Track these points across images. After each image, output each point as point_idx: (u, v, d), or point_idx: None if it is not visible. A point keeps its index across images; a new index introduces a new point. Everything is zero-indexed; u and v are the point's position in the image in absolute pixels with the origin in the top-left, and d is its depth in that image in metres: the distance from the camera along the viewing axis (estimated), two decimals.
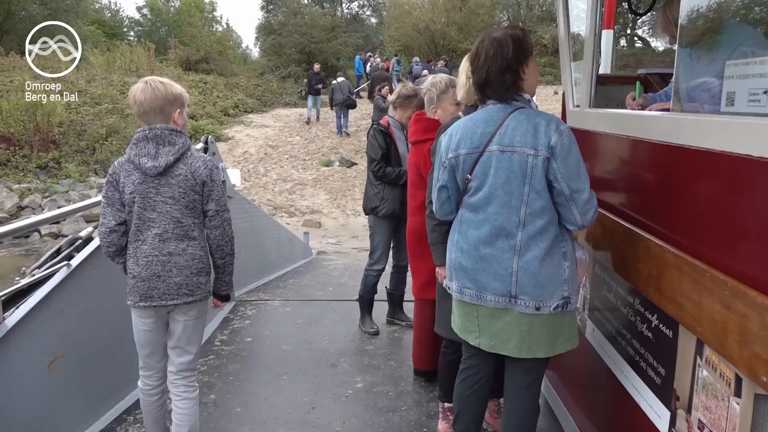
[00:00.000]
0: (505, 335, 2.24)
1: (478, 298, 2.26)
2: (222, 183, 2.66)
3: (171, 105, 2.54)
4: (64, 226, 13.32)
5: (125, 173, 2.50)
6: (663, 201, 2.07)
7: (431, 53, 30.93)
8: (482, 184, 2.20)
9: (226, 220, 2.60)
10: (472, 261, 2.25)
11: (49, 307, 2.91)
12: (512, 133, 2.13)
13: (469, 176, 2.24)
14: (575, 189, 2.10)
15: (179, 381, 2.68)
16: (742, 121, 1.63)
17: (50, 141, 16.97)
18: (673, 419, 1.88)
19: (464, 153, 2.25)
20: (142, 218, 2.49)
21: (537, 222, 2.13)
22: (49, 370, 2.90)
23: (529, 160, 2.10)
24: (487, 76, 2.20)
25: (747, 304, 1.47)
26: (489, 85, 2.22)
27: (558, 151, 2.08)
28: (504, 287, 2.18)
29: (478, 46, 2.25)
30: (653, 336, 2.04)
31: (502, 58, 2.17)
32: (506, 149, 2.14)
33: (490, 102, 2.26)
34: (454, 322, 2.48)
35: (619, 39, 24.94)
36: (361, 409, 3.47)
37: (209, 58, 29.29)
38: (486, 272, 2.21)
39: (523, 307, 2.17)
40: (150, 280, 2.50)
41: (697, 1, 2.17)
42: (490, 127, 2.19)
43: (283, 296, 5.84)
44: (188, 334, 2.64)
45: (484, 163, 2.19)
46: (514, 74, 2.19)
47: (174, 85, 2.61)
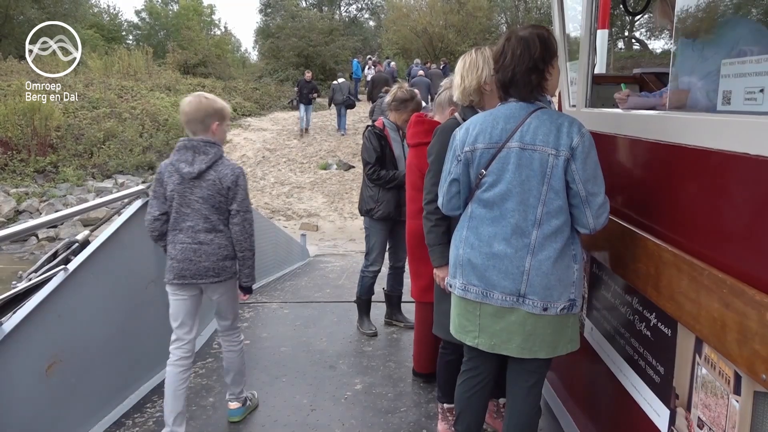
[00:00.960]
0: (507, 335, 2.23)
1: (484, 296, 2.23)
2: (246, 186, 3.02)
3: (211, 117, 2.94)
4: (61, 230, 13.31)
5: (168, 174, 2.96)
6: (660, 200, 2.07)
7: (429, 56, 31.01)
8: (498, 180, 2.18)
9: (247, 220, 3.00)
10: (483, 257, 2.22)
11: (46, 312, 2.90)
12: (534, 131, 2.12)
13: (483, 171, 2.21)
14: (591, 192, 2.10)
15: (224, 338, 3.33)
16: (739, 119, 1.63)
17: (48, 145, 16.95)
18: (673, 418, 1.87)
19: (482, 147, 2.22)
20: (179, 212, 2.96)
21: (553, 222, 2.12)
22: (47, 375, 2.89)
23: (549, 160, 2.08)
24: (513, 75, 2.17)
25: (746, 302, 1.47)
26: (514, 84, 2.19)
27: (579, 152, 2.07)
28: (514, 286, 2.16)
29: (504, 44, 2.21)
30: (652, 335, 2.03)
31: (530, 58, 2.15)
32: (527, 147, 2.12)
33: (512, 99, 2.24)
34: (451, 322, 2.46)
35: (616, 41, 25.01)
36: (361, 410, 3.46)
37: (207, 62, 29.29)
38: (497, 270, 2.18)
39: (530, 306, 2.15)
40: (183, 262, 2.99)
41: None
42: (512, 124, 2.17)
43: (280, 298, 5.83)
44: (223, 306, 3.21)
45: (502, 159, 2.16)
46: (540, 74, 2.18)
47: (217, 100, 3.01)
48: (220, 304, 3.20)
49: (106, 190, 15.50)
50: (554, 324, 2.19)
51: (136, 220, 3.85)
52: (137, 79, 23.98)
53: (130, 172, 17.09)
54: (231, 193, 2.95)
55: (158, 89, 23.16)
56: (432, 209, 2.69)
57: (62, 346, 3.03)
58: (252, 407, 3.46)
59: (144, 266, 3.97)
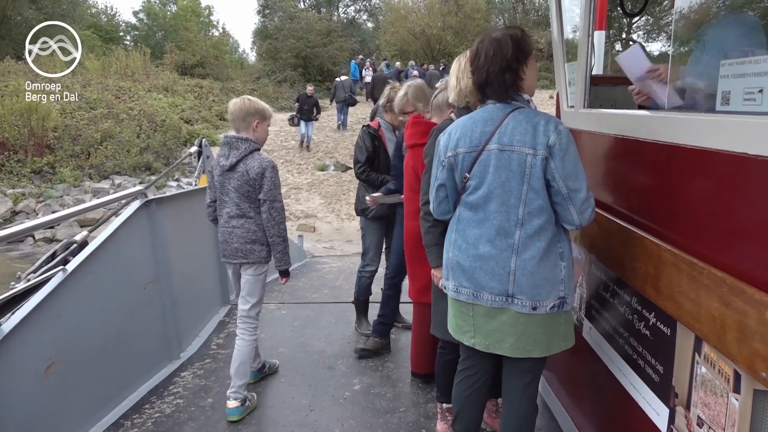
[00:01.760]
0: (500, 335, 2.24)
1: (475, 297, 2.26)
2: (275, 179, 3.32)
3: (252, 116, 3.33)
4: (58, 230, 13.29)
5: (214, 167, 3.41)
6: (659, 200, 2.08)
7: (427, 57, 31.04)
8: (481, 183, 2.21)
9: (274, 209, 3.30)
10: (470, 259, 2.25)
11: (45, 313, 2.89)
12: (512, 132, 2.14)
13: (467, 175, 2.25)
14: (573, 188, 2.11)
15: (241, 324, 3.49)
16: (738, 119, 1.64)
17: (45, 146, 16.93)
18: (672, 416, 1.88)
19: (463, 152, 2.25)
20: (221, 200, 3.40)
21: (535, 221, 2.14)
22: (46, 376, 2.89)
23: (528, 160, 2.11)
24: (487, 75, 2.21)
25: (745, 300, 1.47)
26: (489, 84, 2.23)
27: (556, 150, 2.09)
28: (501, 286, 2.18)
29: (478, 46, 2.26)
30: (651, 334, 2.04)
31: (502, 58, 2.18)
32: (505, 148, 2.14)
33: (490, 102, 2.27)
34: (449, 322, 2.48)
35: (614, 42, 25.08)
36: (359, 411, 3.46)
37: (205, 63, 29.30)
38: (483, 271, 2.21)
39: (519, 306, 2.17)
40: (223, 243, 3.42)
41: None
42: (490, 126, 2.20)
43: (278, 299, 5.83)
44: (248, 287, 3.46)
45: (483, 161, 2.20)
46: (514, 74, 2.21)
47: (260, 102, 3.38)
48: (245, 285, 3.46)
49: (103, 190, 15.49)
50: (546, 323, 2.20)
51: (134, 221, 3.85)
52: (135, 80, 23.98)
53: (128, 172, 17.07)
54: (257, 183, 3.27)
55: (156, 90, 23.16)
56: (428, 210, 2.70)
57: (61, 346, 3.02)
58: (251, 408, 3.46)
59: (142, 267, 3.97)
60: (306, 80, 29.93)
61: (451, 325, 2.46)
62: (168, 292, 4.15)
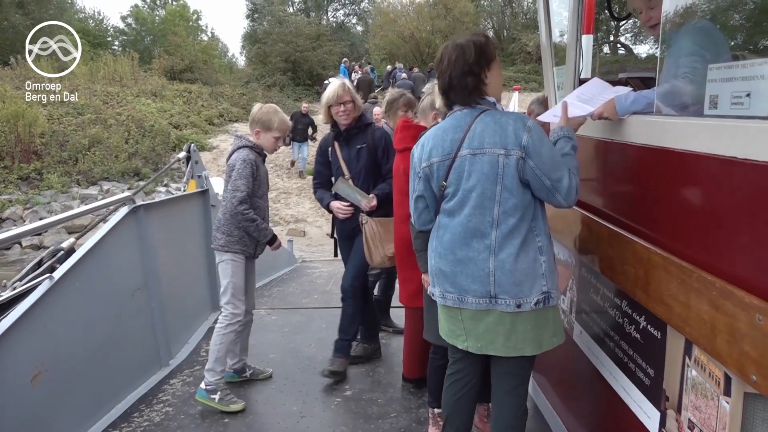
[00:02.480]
0: (490, 336, 2.26)
1: (460, 301, 2.28)
2: (242, 170, 3.46)
3: (254, 124, 3.62)
4: (45, 237, 13.16)
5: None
6: (649, 203, 2.08)
7: (416, 61, 31.09)
8: (457, 189, 2.25)
9: (235, 198, 3.45)
10: (450, 265, 2.28)
11: (31, 321, 2.86)
12: (481, 135, 2.18)
13: (444, 183, 2.29)
14: (556, 179, 2.14)
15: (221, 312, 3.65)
16: (726, 123, 1.64)
17: (32, 152, 16.76)
18: (663, 420, 1.88)
19: (437, 161, 2.30)
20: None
21: (510, 220, 2.17)
22: (33, 385, 2.85)
23: (499, 160, 2.14)
24: (450, 80, 2.27)
25: (735, 303, 1.47)
26: (452, 88, 2.28)
27: (531, 149, 2.12)
28: (483, 288, 2.20)
29: (442, 51, 2.32)
30: (641, 337, 2.04)
31: (464, 63, 2.24)
32: (477, 152, 2.18)
33: (456, 108, 2.32)
34: (441, 328, 2.48)
35: (602, 46, 25.22)
36: (351, 417, 3.44)
37: (194, 68, 29.14)
38: (464, 275, 2.24)
39: (504, 306, 2.19)
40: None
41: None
42: (459, 133, 2.24)
43: (268, 305, 5.80)
44: (219, 275, 3.66)
45: (457, 168, 2.24)
46: (476, 78, 2.26)
47: (268, 113, 3.61)
48: (218, 271, 3.66)
49: (91, 197, 15.36)
50: (533, 319, 2.21)
51: (121, 227, 3.82)
52: (123, 85, 23.81)
53: (116, 178, 16.95)
54: (230, 174, 3.51)
55: (144, 95, 23.02)
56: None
57: (48, 355, 2.99)
58: (220, 407, 3.48)
59: (130, 274, 3.94)
60: (295, 84, 29.88)
61: (443, 331, 2.47)
62: (156, 299, 4.12)
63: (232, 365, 3.84)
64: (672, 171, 1.92)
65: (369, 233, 3.78)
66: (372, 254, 3.79)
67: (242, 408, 3.51)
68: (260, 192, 3.63)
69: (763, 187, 1.46)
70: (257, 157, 3.58)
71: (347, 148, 3.90)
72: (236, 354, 3.85)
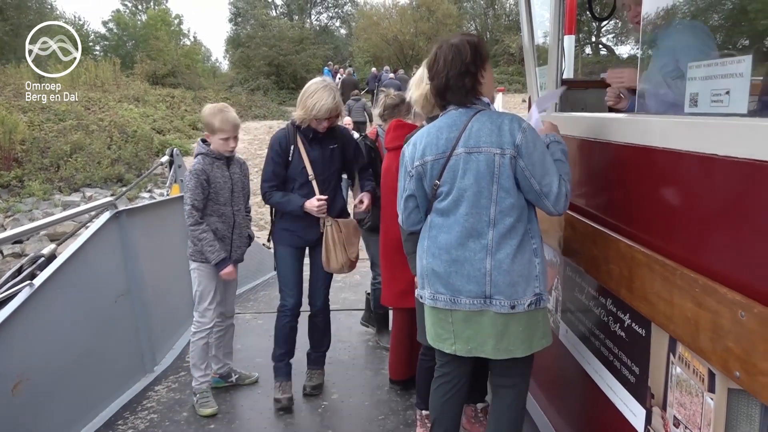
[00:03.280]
0: (481, 338, 2.24)
1: (453, 302, 2.24)
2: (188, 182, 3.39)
3: (205, 126, 3.47)
4: (27, 245, 12.98)
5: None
6: (632, 202, 2.09)
7: (400, 63, 31.16)
8: (452, 188, 2.21)
9: (185, 210, 3.40)
10: (444, 265, 2.24)
11: (11, 329, 2.81)
12: (477, 134, 2.16)
13: (437, 182, 2.25)
14: (545, 184, 2.13)
15: None
16: (707, 121, 1.65)
17: (12, 159, 16.53)
18: (649, 417, 1.88)
19: (431, 159, 2.25)
20: None
21: (507, 220, 2.15)
22: (13, 394, 2.80)
23: (496, 159, 2.13)
24: (447, 80, 2.23)
25: (718, 300, 1.48)
26: (449, 89, 2.24)
27: (524, 149, 2.12)
28: (478, 288, 2.18)
29: (437, 52, 2.28)
30: (626, 335, 2.05)
31: (461, 63, 2.21)
32: (473, 150, 2.16)
33: (452, 107, 2.28)
34: (427, 332, 2.45)
35: (584, 46, 25.46)
36: (338, 420, 3.42)
37: (176, 72, 29.00)
38: (459, 275, 2.21)
39: (498, 306, 2.17)
40: None
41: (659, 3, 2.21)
42: (455, 132, 2.21)
43: (254, 309, 5.76)
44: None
45: (452, 167, 2.20)
46: (473, 78, 2.24)
47: (210, 114, 3.39)
48: None
49: (74, 203, 15.18)
50: (525, 321, 2.21)
51: (103, 233, 3.77)
52: (105, 91, 23.61)
53: (99, 185, 16.77)
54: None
55: (127, 100, 22.84)
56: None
57: (29, 363, 2.94)
58: (197, 408, 3.51)
59: (113, 280, 3.89)
60: (279, 88, 29.79)
61: (429, 335, 2.43)
62: (140, 305, 4.08)
63: (216, 370, 3.81)
64: (654, 169, 1.93)
65: (331, 236, 3.47)
66: (331, 259, 3.47)
67: (212, 413, 3.48)
68: (221, 199, 3.47)
69: (744, 183, 1.47)
70: (213, 163, 3.43)
71: (318, 148, 3.47)
72: (220, 359, 3.82)
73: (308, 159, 3.44)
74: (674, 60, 2.22)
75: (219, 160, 3.47)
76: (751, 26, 2.63)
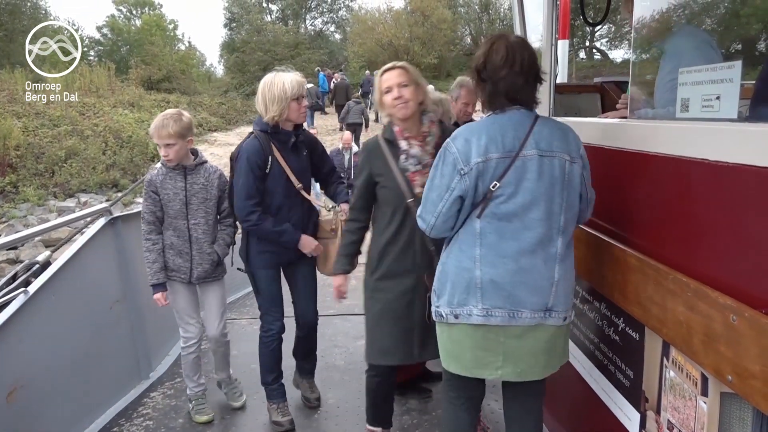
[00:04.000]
0: (533, 357, 2.11)
1: (512, 317, 2.05)
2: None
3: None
4: (22, 251, 12.94)
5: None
6: (625, 206, 2.11)
7: None
8: (517, 191, 2.02)
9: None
10: (509, 274, 2.03)
11: (6, 336, 2.81)
12: (549, 138, 2.05)
13: (497, 183, 2.02)
14: (592, 195, 2.16)
15: None
16: (698, 126, 1.67)
17: (7, 164, 16.52)
18: (643, 421, 1.89)
19: (496, 157, 2.02)
20: None
21: (570, 228, 2.10)
22: (8, 402, 2.79)
23: (566, 166, 2.04)
24: (525, 81, 2.07)
25: (710, 304, 1.49)
26: (525, 91, 2.09)
27: (585, 159, 2.10)
28: (542, 300, 2.04)
29: (507, 49, 2.06)
30: (620, 339, 2.06)
31: (536, 64, 2.11)
32: (545, 153, 2.03)
33: (514, 108, 2.09)
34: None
35: (577, 51, 25.57)
36: (334, 425, 3.42)
37: (171, 77, 29.02)
38: (525, 285, 2.04)
39: (555, 319, 2.07)
40: None
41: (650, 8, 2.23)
42: (521, 131, 2.05)
43: (250, 314, 5.74)
44: None
45: (518, 168, 2.01)
46: (539, 82, 2.14)
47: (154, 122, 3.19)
48: None
49: (69, 209, 15.16)
50: (564, 333, 2.18)
51: (98, 239, 3.77)
52: (99, 96, 23.59)
53: (94, 190, 16.76)
54: None
55: (121, 105, 22.83)
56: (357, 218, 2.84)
57: (24, 371, 2.93)
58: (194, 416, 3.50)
59: (108, 286, 3.89)
60: None
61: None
62: (135, 311, 4.07)
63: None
64: (646, 174, 1.94)
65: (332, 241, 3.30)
66: (329, 260, 3.27)
67: (208, 419, 3.47)
68: (171, 212, 3.24)
69: (735, 187, 1.49)
70: (166, 174, 3.22)
71: (295, 155, 3.23)
72: (202, 374, 3.65)
73: (289, 168, 3.18)
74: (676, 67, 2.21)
75: (174, 170, 3.23)
76: (743, 30, 2.66)
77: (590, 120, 2.81)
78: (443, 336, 2.24)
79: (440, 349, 2.27)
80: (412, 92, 2.64)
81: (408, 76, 2.67)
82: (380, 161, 2.70)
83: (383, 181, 2.70)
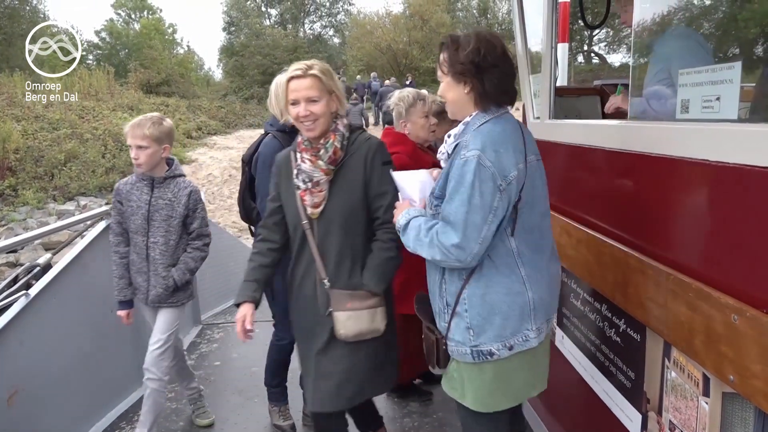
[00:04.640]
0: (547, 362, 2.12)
1: (547, 327, 2.01)
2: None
3: None
4: (21, 254, 12.93)
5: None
6: (626, 208, 2.11)
7: (394, 72, 31.28)
8: (534, 200, 1.90)
9: None
10: (548, 287, 1.97)
11: (7, 339, 2.81)
12: (531, 140, 1.97)
13: (520, 194, 1.85)
14: None
15: None
16: (698, 127, 1.68)
17: (6, 168, 16.49)
18: (645, 422, 1.89)
19: (523, 167, 1.84)
20: None
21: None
22: (9, 405, 2.80)
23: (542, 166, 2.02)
24: (514, 78, 1.95)
25: (711, 305, 1.50)
26: (512, 88, 1.93)
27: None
28: (556, 303, 2.07)
29: (495, 43, 1.89)
30: (621, 340, 2.06)
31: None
32: (539, 158, 1.98)
33: (503, 109, 1.93)
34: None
35: (576, 55, 25.62)
36: None
37: (170, 81, 29.03)
38: (555, 292, 2.04)
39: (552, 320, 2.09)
40: None
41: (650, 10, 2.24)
42: (520, 136, 1.92)
43: None
44: None
45: (530, 176, 1.87)
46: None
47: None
48: None
49: (68, 212, 15.13)
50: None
51: (99, 242, 3.77)
52: (99, 99, 23.59)
53: (93, 193, 16.73)
54: None
55: (121, 109, 22.82)
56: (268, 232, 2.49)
57: (25, 374, 2.93)
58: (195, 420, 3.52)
59: (109, 289, 3.86)
60: None
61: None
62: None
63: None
64: (647, 175, 1.95)
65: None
66: None
67: (209, 423, 3.48)
68: (132, 226, 3.03)
69: (735, 188, 1.49)
70: (135, 183, 3.07)
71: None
72: (194, 378, 3.65)
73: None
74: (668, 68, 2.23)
75: (143, 180, 3.05)
76: (741, 33, 2.67)
77: (589, 122, 2.82)
78: (485, 376, 1.93)
79: (473, 393, 1.96)
80: (323, 107, 2.27)
81: (319, 87, 2.28)
82: (284, 176, 2.42)
83: (283, 199, 2.42)
